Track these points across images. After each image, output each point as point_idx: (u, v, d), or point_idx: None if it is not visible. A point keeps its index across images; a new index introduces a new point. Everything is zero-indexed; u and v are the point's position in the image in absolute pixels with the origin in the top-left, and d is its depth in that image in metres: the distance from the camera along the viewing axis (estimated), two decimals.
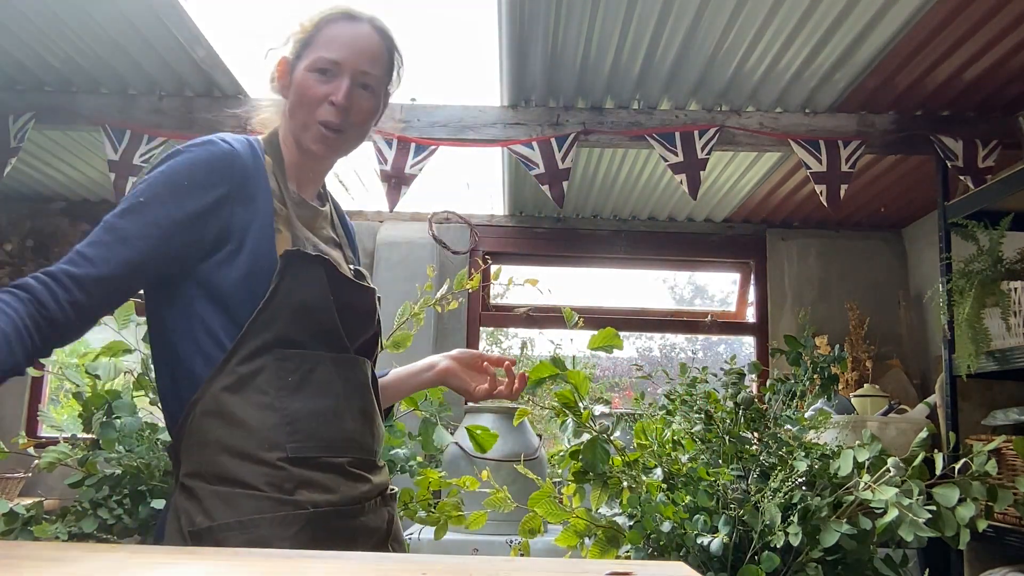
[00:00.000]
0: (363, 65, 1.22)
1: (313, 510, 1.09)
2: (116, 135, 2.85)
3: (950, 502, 1.79)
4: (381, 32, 1.26)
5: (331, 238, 1.29)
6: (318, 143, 1.22)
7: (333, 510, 1.12)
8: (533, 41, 2.50)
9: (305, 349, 1.14)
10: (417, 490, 2.26)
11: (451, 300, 2.49)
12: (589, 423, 2.04)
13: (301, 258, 1.14)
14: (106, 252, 1.05)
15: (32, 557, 0.81)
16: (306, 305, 1.14)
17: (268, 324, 1.12)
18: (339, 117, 1.20)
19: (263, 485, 1.08)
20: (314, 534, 1.08)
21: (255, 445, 1.09)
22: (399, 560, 0.92)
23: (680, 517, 1.92)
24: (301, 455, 1.11)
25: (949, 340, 2.63)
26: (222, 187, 1.13)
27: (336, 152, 1.26)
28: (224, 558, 0.85)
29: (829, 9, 2.28)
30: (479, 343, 4.12)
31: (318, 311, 1.16)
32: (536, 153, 2.84)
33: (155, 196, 1.09)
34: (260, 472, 1.08)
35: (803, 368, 2.15)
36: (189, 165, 1.13)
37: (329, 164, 1.31)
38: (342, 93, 1.19)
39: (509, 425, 2.97)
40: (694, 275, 8.88)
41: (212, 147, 1.15)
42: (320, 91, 1.20)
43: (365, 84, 1.23)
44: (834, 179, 2.82)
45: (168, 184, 1.11)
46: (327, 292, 1.16)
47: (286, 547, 1.05)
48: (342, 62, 1.21)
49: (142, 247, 1.07)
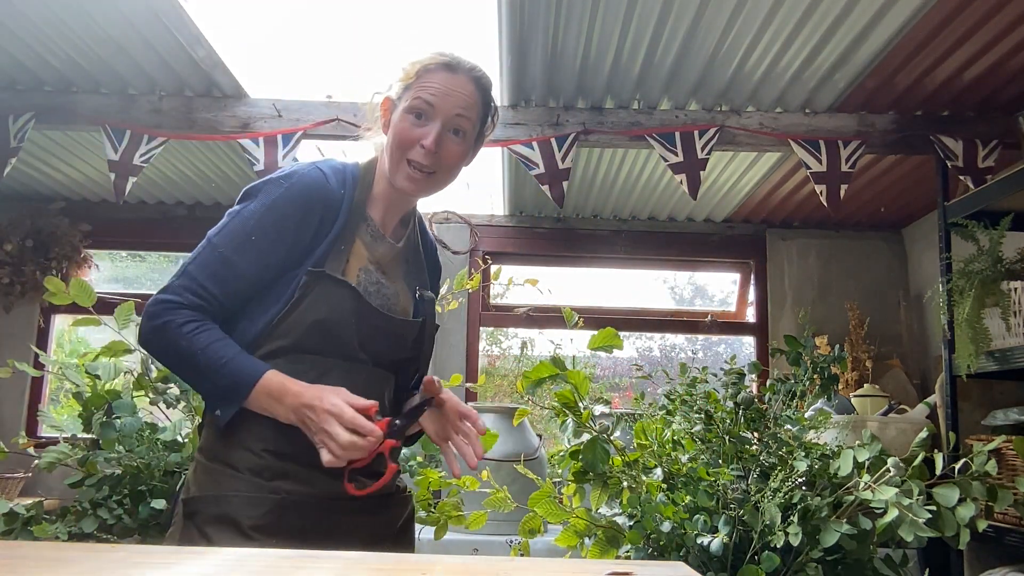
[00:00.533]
0: (456, 111, 1.29)
1: (285, 496, 1.18)
2: (116, 135, 2.85)
3: (950, 502, 1.79)
4: (477, 82, 1.33)
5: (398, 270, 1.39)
6: (408, 181, 1.30)
7: (308, 501, 1.20)
8: (533, 41, 2.50)
9: (322, 356, 1.24)
10: (417, 490, 2.26)
11: (451, 300, 2.49)
12: (589, 423, 2.04)
13: (326, 279, 1.24)
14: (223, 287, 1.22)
15: (32, 557, 0.81)
16: (324, 322, 1.23)
17: (287, 332, 1.23)
18: (428, 159, 1.29)
19: (244, 469, 1.19)
20: (283, 519, 1.17)
21: (247, 434, 1.20)
22: (399, 560, 0.92)
23: (680, 517, 1.92)
24: (283, 450, 1.20)
25: (949, 340, 2.63)
26: (316, 215, 1.26)
27: (423, 191, 1.33)
28: (224, 558, 0.85)
29: (829, 9, 2.28)
30: (479, 343, 4.12)
31: (337, 328, 1.24)
32: (536, 153, 2.84)
33: (263, 233, 1.23)
34: (246, 458, 1.20)
35: (803, 368, 2.15)
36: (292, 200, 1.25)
37: (413, 201, 1.40)
38: (431, 138, 1.28)
39: (509, 425, 2.97)
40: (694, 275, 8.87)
41: (308, 178, 1.27)
42: (414, 134, 1.29)
43: (456, 129, 1.31)
44: (834, 179, 2.82)
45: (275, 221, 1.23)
46: (350, 314, 1.25)
47: (253, 524, 1.15)
48: (437, 107, 1.29)
49: (254, 280, 1.24)
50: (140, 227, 4.12)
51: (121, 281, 4.61)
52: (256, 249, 1.22)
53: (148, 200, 4.08)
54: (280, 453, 1.20)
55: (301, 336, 1.22)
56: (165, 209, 4.14)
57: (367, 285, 1.30)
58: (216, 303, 1.21)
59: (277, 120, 2.89)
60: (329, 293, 1.23)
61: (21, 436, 2.62)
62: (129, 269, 4.70)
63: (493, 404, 3.30)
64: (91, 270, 4.11)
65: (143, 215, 4.12)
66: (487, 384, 5.08)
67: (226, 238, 1.22)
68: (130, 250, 4.48)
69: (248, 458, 1.20)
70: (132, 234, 4.15)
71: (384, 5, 2.41)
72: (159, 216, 4.13)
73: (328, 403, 1.14)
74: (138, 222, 4.11)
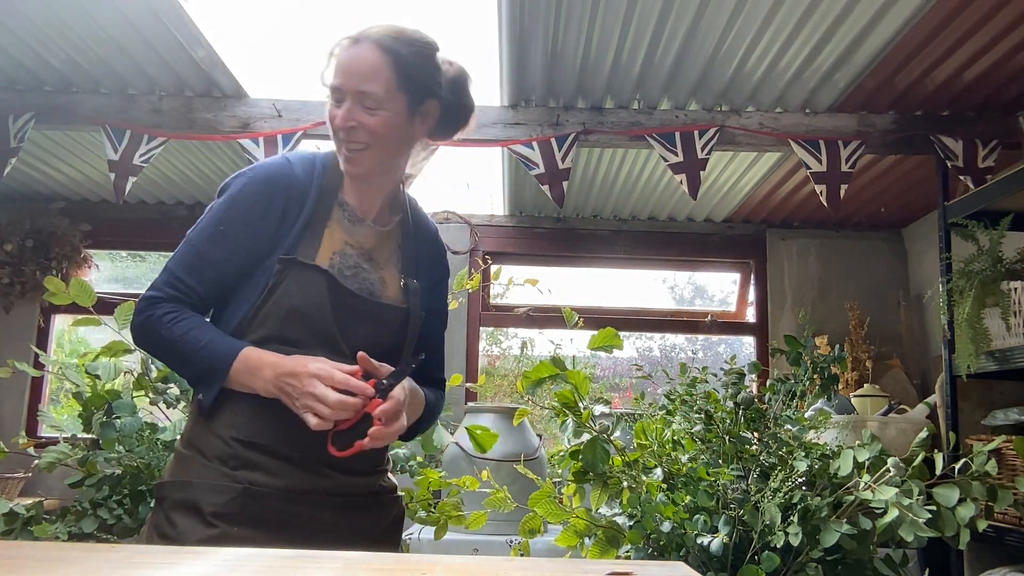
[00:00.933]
0: (361, 85, 1.26)
1: (248, 487, 1.19)
2: (116, 135, 2.85)
3: (950, 502, 1.79)
4: (382, 46, 1.28)
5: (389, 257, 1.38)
6: (346, 163, 1.31)
7: (272, 493, 1.20)
8: (533, 41, 2.50)
9: (302, 348, 1.23)
10: (417, 490, 2.26)
11: (451, 300, 2.49)
12: (589, 423, 2.04)
13: (297, 265, 1.24)
14: (199, 277, 1.25)
15: (32, 557, 0.81)
16: (299, 309, 1.23)
17: (265, 321, 1.24)
18: (350, 136, 1.27)
19: (212, 457, 1.22)
20: (245, 508, 1.18)
21: (219, 423, 1.23)
22: (399, 560, 0.92)
23: (680, 517, 1.92)
24: (252, 440, 1.22)
25: (949, 340, 2.63)
26: (279, 202, 1.28)
27: (365, 167, 1.31)
28: (224, 558, 0.85)
29: (829, 9, 2.28)
30: (479, 343, 4.13)
31: (312, 316, 1.24)
32: (536, 153, 2.84)
33: (230, 222, 1.26)
34: (215, 445, 1.22)
35: (803, 368, 2.15)
36: (255, 188, 1.28)
37: (382, 183, 1.37)
38: (339, 117, 1.27)
39: (509, 425, 2.97)
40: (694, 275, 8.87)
41: (271, 167, 1.31)
42: (333, 115, 1.29)
43: (367, 103, 1.27)
44: (834, 179, 2.82)
45: (240, 210, 1.27)
46: (323, 298, 1.24)
47: (215, 512, 1.17)
48: (342, 85, 1.28)
49: (228, 270, 1.26)
50: (140, 227, 4.12)
51: (121, 281, 4.61)
52: (224, 238, 1.26)
53: (148, 200, 4.08)
54: (249, 443, 1.21)
55: (280, 325, 1.23)
56: (165, 209, 4.14)
57: (342, 268, 1.29)
58: (195, 294, 1.25)
59: (277, 120, 2.89)
60: (301, 278, 1.24)
61: (21, 436, 2.62)
62: (129, 269, 4.70)
63: (493, 404, 3.30)
64: (91, 270, 4.11)
65: (143, 215, 4.12)
66: (487, 384, 5.08)
67: (199, 232, 1.27)
68: (130, 250, 4.48)
69: (218, 446, 1.22)
70: (132, 234, 4.15)
71: (384, 5, 2.41)
72: (159, 216, 4.13)
73: (314, 367, 1.15)
74: (138, 222, 4.11)
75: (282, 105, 2.88)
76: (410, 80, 1.30)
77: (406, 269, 1.39)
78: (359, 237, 1.34)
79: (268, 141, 2.83)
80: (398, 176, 1.40)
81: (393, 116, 1.29)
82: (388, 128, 1.29)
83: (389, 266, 1.37)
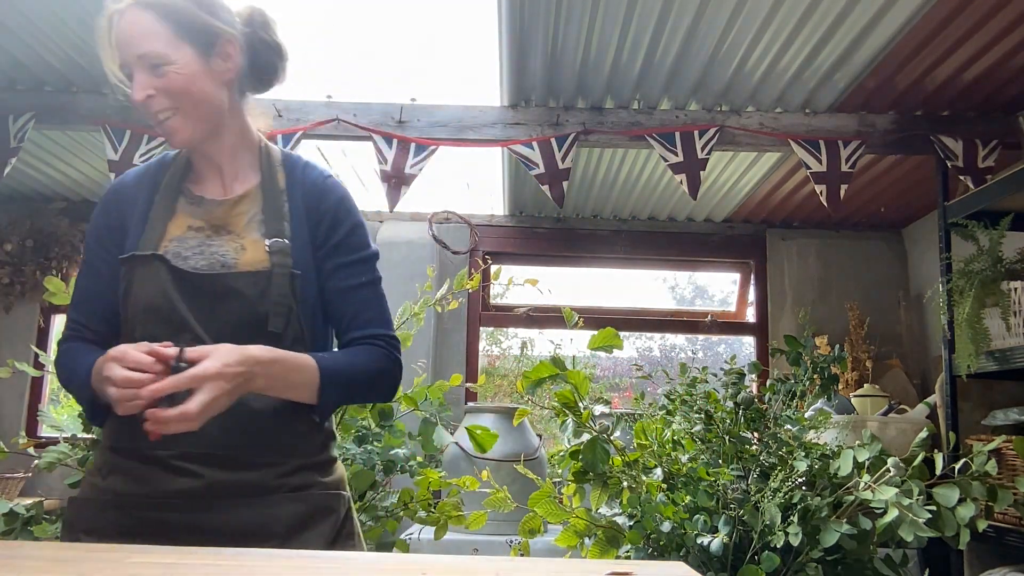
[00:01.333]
0: (138, 50, 1.18)
1: (114, 497, 1.15)
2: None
3: (950, 502, 1.79)
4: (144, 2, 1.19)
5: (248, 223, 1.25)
6: (168, 139, 1.23)
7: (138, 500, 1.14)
8: (533, 41, 2.50)
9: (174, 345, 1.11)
10: (417, 490, 2.26)
11: (451, 300, 2.49)
12: (589, 423, 2.04)
13: (137, 261, 1.20)
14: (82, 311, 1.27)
15: (32, 557, 0.81)
16: (151, 304, 1.19)
17: (132, 327, 1.20)
18: (151, 106, 1.20)
19: (93, 470, 1.20)
20: (118, 521, 1.13)
21: (104, 433, 1.22)
22: (399, 560, 0.92)
23: (680, 517, 1.92)
24: (119, 444, 1.17)
25: (949, 340, 2.63)
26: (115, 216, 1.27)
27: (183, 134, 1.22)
28: (224, 559, 0.85)
29: (829, 9, 2.28)
30: (479, 343, 4.13)
31: (162, 307, 1.18)
32: (536, 153, 2.84)
33: (89, 249, 1.29)
34: (99, 456, 1.21)
35: (803, 368, 2.15)
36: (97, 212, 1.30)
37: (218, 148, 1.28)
38: (134, 93, 1.19)
39: (509, 425, 2.97)
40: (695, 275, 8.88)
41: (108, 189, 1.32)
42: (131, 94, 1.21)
43: (151, 64, 1.18)
44: (834, 179, 2.82)
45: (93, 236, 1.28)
46: (169, 287, 1.18)
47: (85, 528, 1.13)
48: (124, 60, 1.20)
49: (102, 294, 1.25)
50: None
51: None
52: (89, 268, 1.27)
53: None
54: (116, 447, 1.17)
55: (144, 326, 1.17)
56: None
57: (182, 250, 1.21)
58: (87, 329, 1.26)
59: (277, 120, 2.88)
60: (144, 273, 1.19)
61: (21, 436, 2.62)
62: None
63: (493, 404, 3.30)
64: None
65: None
66: (487, 384, 5.09)
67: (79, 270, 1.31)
68: None
69: (98, 457, 1.21)
70: None
71: (384, 5, 2.41)
72: None
73: (113, 351, 1.07)
74: None
75: (282, 105, 2.88)
76: (187, 25, 1.20)
77: (271, 230, 1.24)
78: (205, 216, 1.25)
79: (268, 141, 2.82)
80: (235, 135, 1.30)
81: (184, 68, 1.19)
82: (184, 82, 1.19)
83: (250, 232, 1.24)
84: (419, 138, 2.84)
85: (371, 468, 2.23)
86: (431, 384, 2.36)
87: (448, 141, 2.88)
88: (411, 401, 2.34)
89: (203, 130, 1.24)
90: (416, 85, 2.85)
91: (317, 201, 1.29)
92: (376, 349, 1.25)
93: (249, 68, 1.29)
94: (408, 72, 2.78)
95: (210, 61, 1.22)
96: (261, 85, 1.34)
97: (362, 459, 2.25)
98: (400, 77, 2.81)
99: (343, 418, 2.31)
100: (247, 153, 1.32)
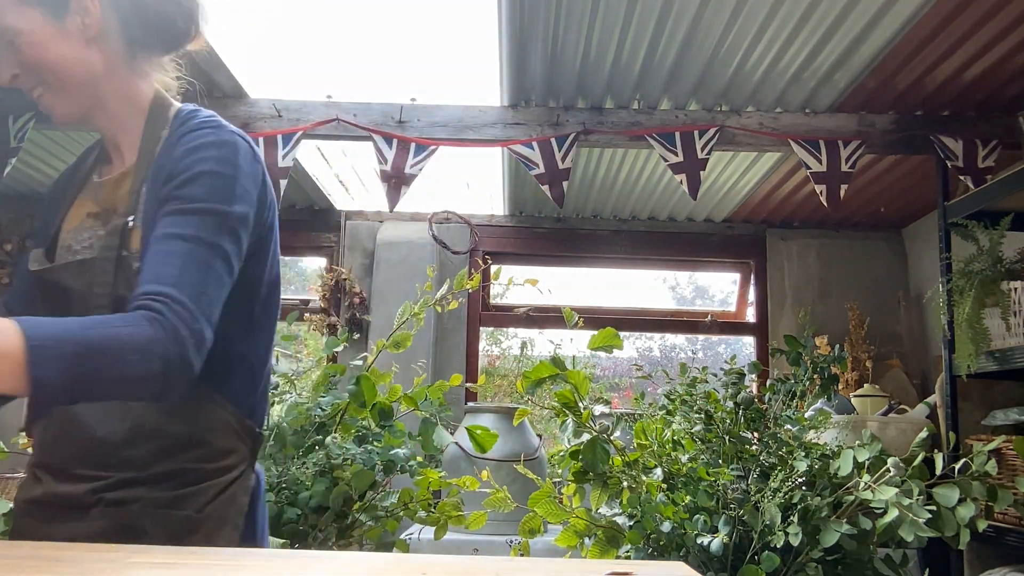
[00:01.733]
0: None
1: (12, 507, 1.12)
2: None
3: (950, 502, 1.79)
4: None
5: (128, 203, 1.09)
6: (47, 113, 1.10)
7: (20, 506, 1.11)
8: (533, 41, 2.50)
9: None
10: (417, 490, 2.26)
11: (451, 300, 2.49)
12: (589, 423, 2.04)
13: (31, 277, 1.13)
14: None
15: (32, 557, 0.81)
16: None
17: None
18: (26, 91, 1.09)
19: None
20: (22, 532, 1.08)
21: None
22: (399, 560, 0.92)
23: (680, 517, 1.92)
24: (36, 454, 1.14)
25: (949, 340, 2.63)
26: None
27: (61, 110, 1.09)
28: (223, 559, 0.85)
29: (829, 9, 2.28)
30: (479, 343, 4.13)
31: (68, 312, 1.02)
32: (536, 153, 2.84)
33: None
34: None
35: (803, 368, 2.15)
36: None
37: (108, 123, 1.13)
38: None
39: (509, 425, 2.97)
40: (695, 275, 8.89)
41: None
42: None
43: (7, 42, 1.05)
44: (834, 179, 2.82)
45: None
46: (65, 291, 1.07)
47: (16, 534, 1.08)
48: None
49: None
50: None
51: None
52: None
53: None
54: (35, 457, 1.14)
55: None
56: None
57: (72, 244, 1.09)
58: None
59: (277, 120, 2.89)
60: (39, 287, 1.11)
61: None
62: None
63: (493, 404, 3.30)
64: None
65: None
66: (487, 384, 5.08)
67: None
68: None
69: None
70: None
71: (384, 5, 2.41)
72: None
73: None
74: None
75: (282, 105, 2.88)
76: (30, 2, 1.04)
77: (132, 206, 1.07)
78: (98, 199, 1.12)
79: (268, 141, 2.82)
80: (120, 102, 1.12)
81: (34, 35, 1.04)
82: (38, 51, 1.04)
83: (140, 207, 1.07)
84: (419, 138, 2.84)
85: (371, 468, 2.23)
86: (431, 384, 2.36)
87: (448, 141, 2.88)
88: (411, 401, 2.34)
89: (81, 103, 1.09)
90: (416, 85, 2.85)
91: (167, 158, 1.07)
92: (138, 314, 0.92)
93: (134, 21, 1.10)
94: (408, 72, 2.78)
95: (64, 20, 1.05)
96: (160, 41, 1.14)
97: (362, 459, 2.25)
98: (400, 77, 2.81)
99: (343, 418, 2.31)
100: (140, 119, 1.13)
